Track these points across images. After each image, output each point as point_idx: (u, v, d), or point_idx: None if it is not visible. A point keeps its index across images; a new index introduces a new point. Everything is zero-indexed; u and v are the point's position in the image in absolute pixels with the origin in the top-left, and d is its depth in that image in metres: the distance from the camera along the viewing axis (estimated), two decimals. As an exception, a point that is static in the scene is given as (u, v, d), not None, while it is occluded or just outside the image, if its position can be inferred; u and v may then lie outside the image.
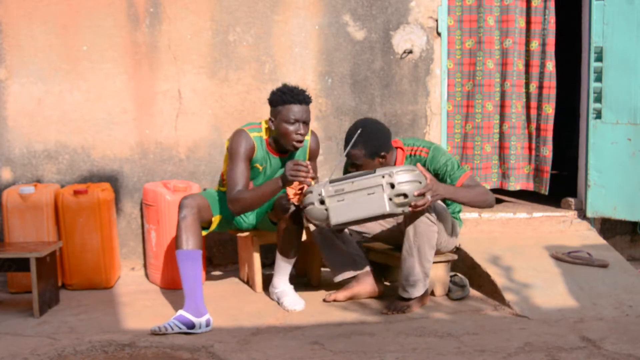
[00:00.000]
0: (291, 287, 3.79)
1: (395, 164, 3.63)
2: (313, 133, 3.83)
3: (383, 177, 3.26)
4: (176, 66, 4.37)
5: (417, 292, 3.58)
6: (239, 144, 3.58)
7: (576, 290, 3.73)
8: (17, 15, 4.24)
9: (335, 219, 3.29)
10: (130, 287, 4.13)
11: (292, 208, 3.54)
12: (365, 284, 3.78)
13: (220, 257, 4.47)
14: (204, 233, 3.67)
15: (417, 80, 4.53)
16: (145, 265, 4.39)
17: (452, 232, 3.77)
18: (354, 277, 3.80)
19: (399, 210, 3.30)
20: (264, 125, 3.68)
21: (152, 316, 3.52)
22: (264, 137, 3.67)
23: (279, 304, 3.73)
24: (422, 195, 3.29)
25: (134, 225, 4.41)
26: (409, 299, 3.60)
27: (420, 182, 3.29)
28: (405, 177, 3.26)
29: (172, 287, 4.03)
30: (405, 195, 3.25)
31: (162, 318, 3.44)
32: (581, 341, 3.16)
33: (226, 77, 4.40)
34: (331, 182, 3.33)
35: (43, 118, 4.31)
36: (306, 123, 3.58)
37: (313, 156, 3.84)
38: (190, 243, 3.46)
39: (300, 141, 3.57)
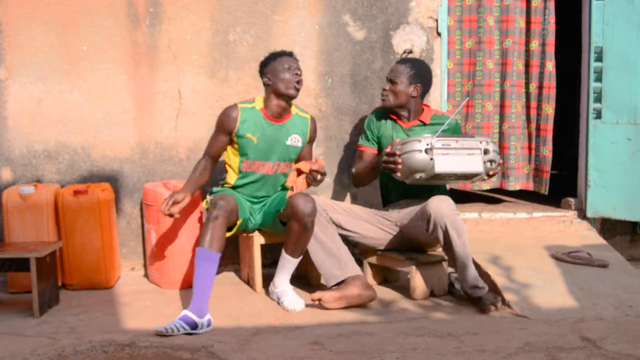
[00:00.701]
0: (291, 287, 3.79)
1: (421, 115, 3.95)
2: (312, 118, 3.99)
3: (481, 142, 3.69)
4: (176, 66, 4.37)
5: (484, 287, 3.62)
6: (221, 116, 3.82)
7: (576, 290, 3.73)
8: (17, 15, 4.24)
9: (439, 169, 3.62)
10: (130, 287, 4.13)
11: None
12: (354, 287, 3.67)
13: (222, 257, 4.45)
14: (228, 234, 3.67)
15: (417, 80, 4.53)
16: (145, 265, 4.39)
17: None
18: (343, 281, 3.73)
19: (485, 174, 3.73)
20: (257, 99, 3.85)
21: (152, 316, 3.52)
22: (258, 107, 3.81)
23: (278, 303, 3.73)
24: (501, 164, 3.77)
25: (134, 225, 4.41)
26: (484, 292, 3.63)
27: (499, 154, 3.75)
28: (494, 147, 3.72)
29: (172, 287, 4.04)
30: (492, 162, 3.70)
31: (162, 318, 3.44)
32: (581, 341, 3.16)
33: (226, 77, 4.40)
34: (438, 136, 3.66)
35: (43, 118, 4.31)
36: (299, 70, 3.80)
37: (312, 138, 3.99)
38: (214, 245, 3.48)
39: (298, 86, 3.77)
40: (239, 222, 3.76)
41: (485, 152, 3.66)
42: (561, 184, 5.42)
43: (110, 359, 3.02)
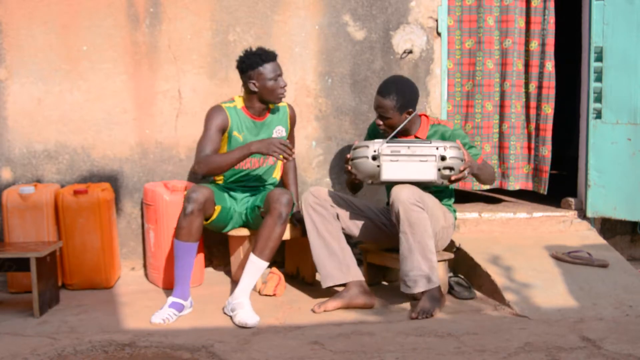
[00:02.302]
0: (250, 302, 3.56)
1: (418, 130, 3.81)
2: (289, 105, 4.04)
3: (437, 148, 3.53)
4: (176, 66, 4.37)
5: (419, 288, 3.53)
6: (210, 116, 3.78)
7: (576, 290, 3.73)
8: (17, 15, 4.24)
9: (386, 176, 3.55)
10: (130, 287, 4.13)
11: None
12: (356, 294, 3.65)
13: (220, 257, 4.47)
14: (206, 223, 3.74)
15: (417, 80, 4.51)
16: (145, 265, 4.39)
17: (445, 221, 3.76)
18: (344, 285, 3.70)
19: (440, 181, 3.58)
20: (237, 99, 3.87)
21: (151, 316, 3.52)
22: (239, 105, 3.84)
23: (231, 318, 3.50)
24: (462, 170, 3.57)
25: (134, 225, 4.41)
26: (414, 295, 3.57)
27: (462, 160, 3.58)
28: (454, 153, 3.54)
29: (171, 287, 4.02)
30: (451, 169, 3.54)
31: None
32: (581, 341, 3.16)
33: (226, 77, 4.40)
34: (388, 142, 3.56)
35: (43, 118, 4.31)
36: (281, 75, 3.79)
37: (293, 124, 4.05)
38: (192, 238, 3.59)
39: (284, 93, 3.79)
40: (218, 209, 3.75)
41: (442, 158, 3.51)
42: (561, 184, 5.42)
43: (110, 359, 3.02)
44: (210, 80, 4.39)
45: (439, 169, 3.53)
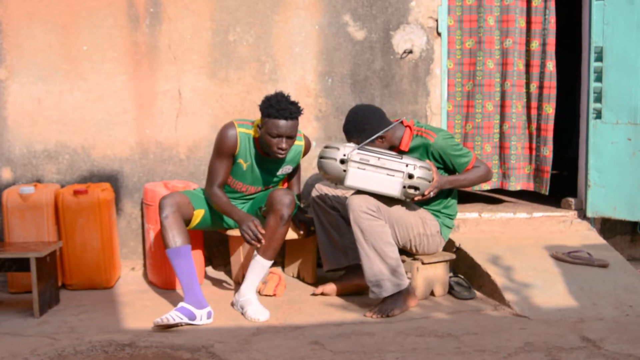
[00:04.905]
0: (257, 296, 3.66)
1: (401, 142, 3.71)
2: (305, 137, 3.88)
3: (407, 165, 3.50)
4: (176, 66, 4.37)
5: (385, 292, 3.54)
6: (221, 140, 3.65)
7: (576, 290, 3.73)
8: (17, 15, 4.24)
9: (350, 183, 3.53)
10: (130, 287, 4.13)
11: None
12: (351, 276, 3.84)
13: (220, 257, 4.47)
14: (189, 227, 3.70)
15: (417, 80, 4.53)
16: (145, 265, 4.39)
17: (425, 229, 3.71)
18: (343, 270, 3.90)
19: (404, 198, 3.57)
20: (256, 125, 3.69)
21: (152, 316, 3.52)
22: (253, 135, 3.69)
23: (242, 314, 3.58)
24: (426, 194, 3.59)
25: (134, 225, 4.41)
26: (379, 299, 3.57)
27: (430, 182, 3.55)
28: (422, 173, 3.51)
29: (171, 287, 4.03)
30: (416, 188, 3.52)
31: (162, 318, 3.45)
32: (581, 341, 3.16)
33: (226, 77, 4.40)
34: (359, 149, 3.54)
35: (43, 118, 4.31)
36: (290, 137, 3.58)
37: (305, 153, 3.94)
38: (177, 240, 3.54)
39: (281, 154, 3.59)
40: (199, 213, 3.72)
41: (410, 176, 3.48)
42: (561, 184, 5.41)
43: (110, 359, 3.02)
44: (210, 80, 4.39)
45: (404, 187, 3.51)
